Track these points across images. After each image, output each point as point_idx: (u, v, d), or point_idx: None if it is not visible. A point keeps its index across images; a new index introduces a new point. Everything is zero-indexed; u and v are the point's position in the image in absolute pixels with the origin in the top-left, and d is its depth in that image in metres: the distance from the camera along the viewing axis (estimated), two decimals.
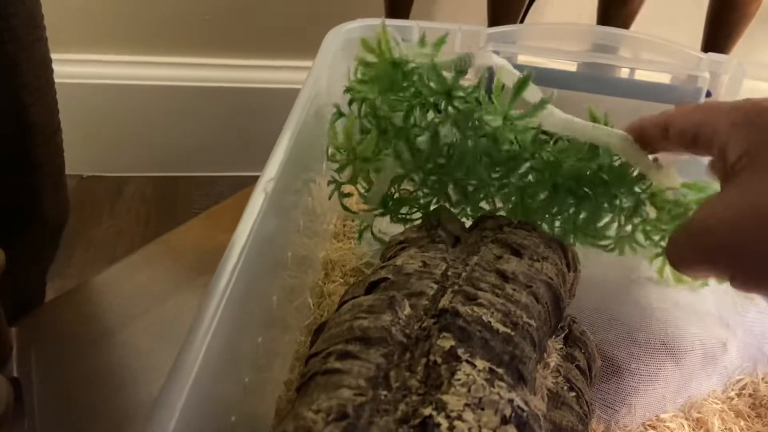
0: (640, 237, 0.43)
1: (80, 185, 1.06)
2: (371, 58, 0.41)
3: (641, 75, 0.56)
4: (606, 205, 0.42)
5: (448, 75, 0.39)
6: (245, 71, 1.03)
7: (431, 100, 0.40)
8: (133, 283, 0.54)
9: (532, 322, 0.30)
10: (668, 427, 0.40)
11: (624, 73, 0.58)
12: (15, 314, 0.50)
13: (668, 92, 0.54)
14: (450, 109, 0.39)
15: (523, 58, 0.56)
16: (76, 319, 0.50)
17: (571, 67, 0.59)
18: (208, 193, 1.07)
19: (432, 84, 0.39)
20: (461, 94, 0.39)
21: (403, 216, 0.46)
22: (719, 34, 0.69)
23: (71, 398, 0.45)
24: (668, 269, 0.46)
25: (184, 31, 1.00)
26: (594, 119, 0.41)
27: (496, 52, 0.53)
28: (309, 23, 0.99)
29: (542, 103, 0.37)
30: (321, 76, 0.45)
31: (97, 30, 0.98)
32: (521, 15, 0.71)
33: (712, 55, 0.50)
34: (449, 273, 0.32)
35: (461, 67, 0.38)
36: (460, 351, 0.27)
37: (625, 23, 0.70)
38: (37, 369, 0.45)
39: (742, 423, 0.41)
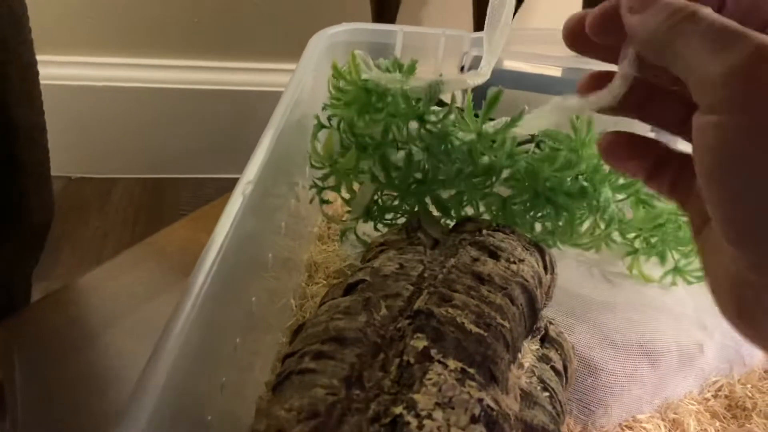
0: (616, 236, 0.44)
1: (68, 187, 1.06)
2: (343, 84, 0.41)
3: None
4: (584, 211, 0.43)
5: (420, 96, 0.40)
6: (233, 74, 1.04)
7: (402, 125, 0.41)
8: (118, 285, 0.54)
9: (505, 323, 0.30)
10: (645, 428, 0.40)
11: None
12: None
13: None
14: (423, 131, 0.40)
15: (508, 63, 0.56)
16: (60, 321, 0.51)
17: (556, 72, 0.60)
18: (196, 196, 1.07)
19: (404, 109, 0.40)
20: (433, 118, 0.40)
21: (388, 221, 0.46)
22: None
23: (54, 399, 0.45)
24: (639, 266, 0.47)
25: (172, 33, 1.00)
26: (574, 128, 0.42)
27: (480, 57, 0.53)
28: (297, 27, 1.00)
29: (513, 122, 0.38)
30: (304, 80, 0.45)
31: (84, 32, 0.99)
32: None
33: None
34: (426, 275, 0.33)
35: (431, 95, 0.39)
36: (432, 351, 0.27)
37: None
38: (20, 370, 0.45)
39: (718, 424, 0.41)
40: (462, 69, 0.53)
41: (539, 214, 0.44)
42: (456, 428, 0.24)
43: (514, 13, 0.79)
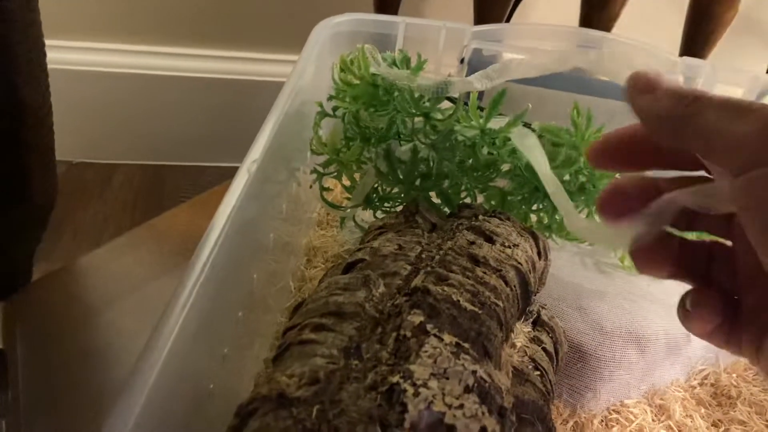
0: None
1: (69, 171, 1.07)
2: (351, 78, 0.42)
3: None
4: (581, 205, 0.44)
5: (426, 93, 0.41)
6: (236, 63, 1.05)
7: (407, 120, 0.42)
8: (119, 265, 0.55)
9: (499, 302, 0.31)
10: (632, 413, 0.41)
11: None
12: (1, 291, 0.51)
13: None
14: (428, 128, 0.41)
15: (506, 57, 0.57)
16: (62, 299, 0.51)
17: None
18: (196, 183, 1.07)
19: (410, 107, 0.41)
20: (439, 116, 0.41)
21: (387, 209, 0.47)
22: (696, 40, 0.71)
23: (55, 373, 0.46)
24: (629, 258, 0.48)
25: (176, 22, 1.01)
26: (575, 124, 0.43)
27: (479, 50, 0.54)
28: (300, 16, 1.01)
29: (515, 120, 0.39)
30: (306, 69, 0.46)
31: (88, 18, 0.99)
32: (506, 15, 0.73)
33: (687, 59, 0.51)
34: (423, 256, 0.34)
35: (439, 94, 0.40)
36: (429, 326, 0.28)
37: (607, 27, 0.72)
38: (21, 344, 0.46)
39: (703, 411, 0.42)
40: (462, 61, 0.54)
41: (536, 208, 0.46)
42: (450, 397, 0.25)
43: (514, 9, 0.81)
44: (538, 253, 0.39)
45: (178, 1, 0.99)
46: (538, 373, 0.33)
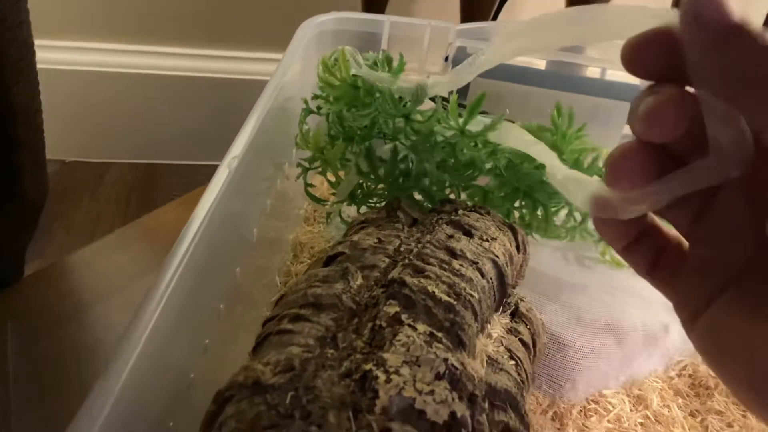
0: (590, 225, 0.46)
1: (62, 170, 1.08)
2: (332, 80, 0.43)
3: (610, 74, 0.59)
4: (561, 202, 0.45)
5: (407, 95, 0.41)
6: (228, 62, 1.05)
7: (389, 122, 0.43)
8: (110, 262, 0.56)
9: (475, 294, 0.32)
10: (610, 403, 0.42)
11: (591, 72, 0.61)
12: None
13: (631, 92, 0.56)
14: (408, 129, 0.42)
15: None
16: (52, 295, 0.52)
17: (540, 64, 0.62)
18: (188, 181, 1.08)
19: (391, 108, 0.42)
20: (419, 118, 0.42)
21: (371, 204, 0.48)
22: None
23: (45, 369, 0.46)
24: (611, 252, 0.49)
25: (168, 20, 1.01)
26: (555, 124, 0.44)
27: (464, 48, 0.55)
28: (289, 15, 1.01)
29: (493, 125, 0.39)
30: (291, 66, 0.47)
31: (79, 17, 1.00)
32: (492, 13, 0.74)
33: None
34: (402, 249, 0.35)
35: (418, 97, 0.41)
36: (404, 316, 0.29)
37: None
38: (12, 340, 0.47)
39: (680, 401, 0.43)
40: (446, 59, 0.55)
41: (517, 205, 0.46)
42: (421, 383, 0.25)
43: (501, 7, 0.81)
44: (517, 247, 0.40)
45: (169, 1, 0.99)
46: (513, 362, 0.34)
